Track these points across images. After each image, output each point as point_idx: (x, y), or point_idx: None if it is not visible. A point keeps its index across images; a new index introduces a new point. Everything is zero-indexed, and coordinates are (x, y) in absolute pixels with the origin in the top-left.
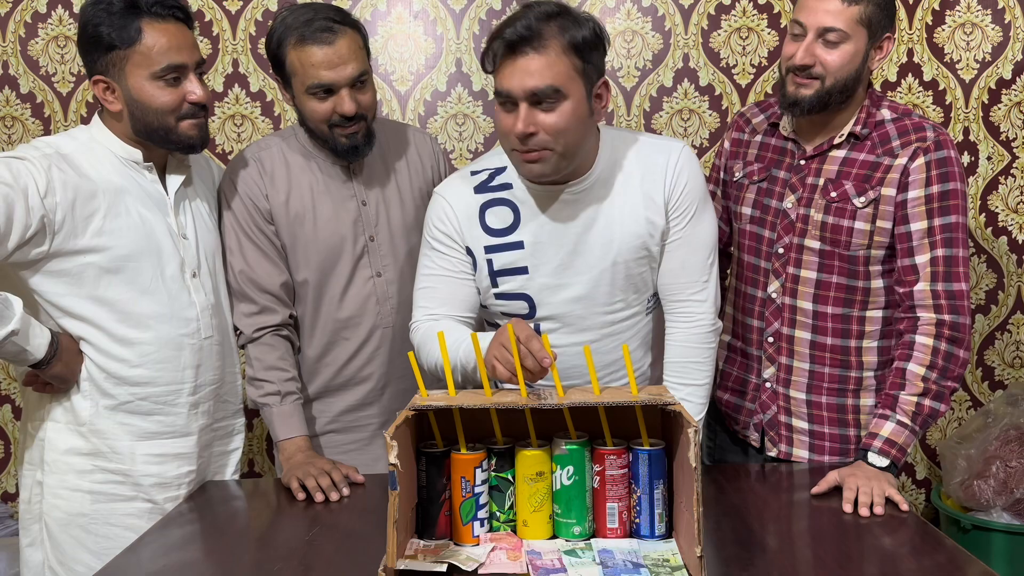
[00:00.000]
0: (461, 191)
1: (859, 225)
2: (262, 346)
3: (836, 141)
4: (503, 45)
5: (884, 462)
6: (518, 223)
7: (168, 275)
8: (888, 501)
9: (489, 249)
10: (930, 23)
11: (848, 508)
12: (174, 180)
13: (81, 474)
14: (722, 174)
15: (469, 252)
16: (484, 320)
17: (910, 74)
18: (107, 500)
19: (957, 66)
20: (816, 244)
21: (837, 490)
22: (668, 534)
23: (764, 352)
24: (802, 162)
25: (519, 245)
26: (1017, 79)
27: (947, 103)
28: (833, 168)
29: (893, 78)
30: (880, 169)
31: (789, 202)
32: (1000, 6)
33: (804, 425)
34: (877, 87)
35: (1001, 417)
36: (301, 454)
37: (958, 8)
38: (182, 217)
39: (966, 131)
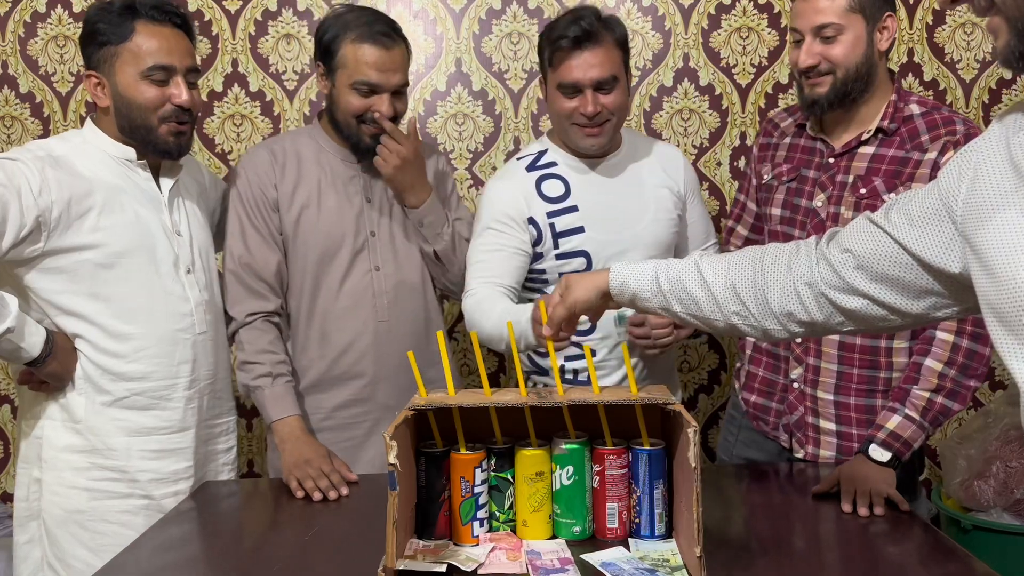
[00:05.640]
0: (516, 174)
1: None
2: (253, 330)
3: (864, 137)
4: (570, 42)
5: (886, 455)
6: (569, 191)
7: (163, 271)
8: (887, 501)
9: (551, 214)
10: (930, 23)
11: (847, 508)
12: (167, 179)
13: (78, 471)
14: (752, 180)
15: (532, 222)
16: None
17: (910, 74)
18: (104, 497)
19: (957, 66)
20: None
21: (838, 489)
22: (668, 534)
23: (792, 353)
24: (831, 160)
25: (574, 208)
26: (1017, 79)
27: (947, 103)
28: (862, 165)
29: None
30: (910, 164)
31: (819, 200)
32: None
33: (831, 426)
34: None
35: (1001, 417)
36: (295, 440)
37: (958, 8)
38: (176, 214)
39: None
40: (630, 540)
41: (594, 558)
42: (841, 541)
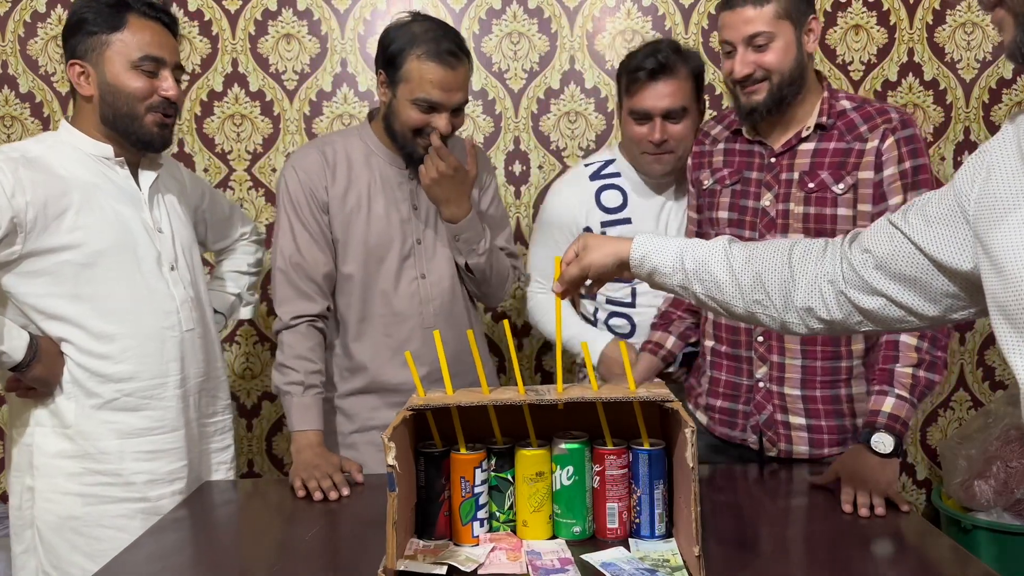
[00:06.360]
0: (580, 181)
1: (841, 212)
2: (296, 334)
3: (804, 134)
4: (646, 74)
5: (889, 442)
6: (626, 203)
7: (145, 269)
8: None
9: (605, 224)
10: (930, 23)
11: (847, 508)
12: (147, 176)
13: (71, 477)
14: (690, 188)
15: (588, 231)
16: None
17: (911, 74)
18: (98, 502)
19: (958, 66)
20: (800, 236)
21: (837, 488)
22: (668, 534)
23: (755, 352)
24: (772, 160)
25: (628, 220)
26: (1018, 79)
27: (948, 103)
28: (805, 160)
29: (893, 78)
30: (853, 155)
31: (767, 200)
32: None
33: (801, 421)
34: (878, 87)
35: (1001, 417)
36: (310, 450)
37: (959, 8)
38: (156, 211)
39: (967, 131)
40: (630, 540)
41: (594, 558)
42: (841, 540)
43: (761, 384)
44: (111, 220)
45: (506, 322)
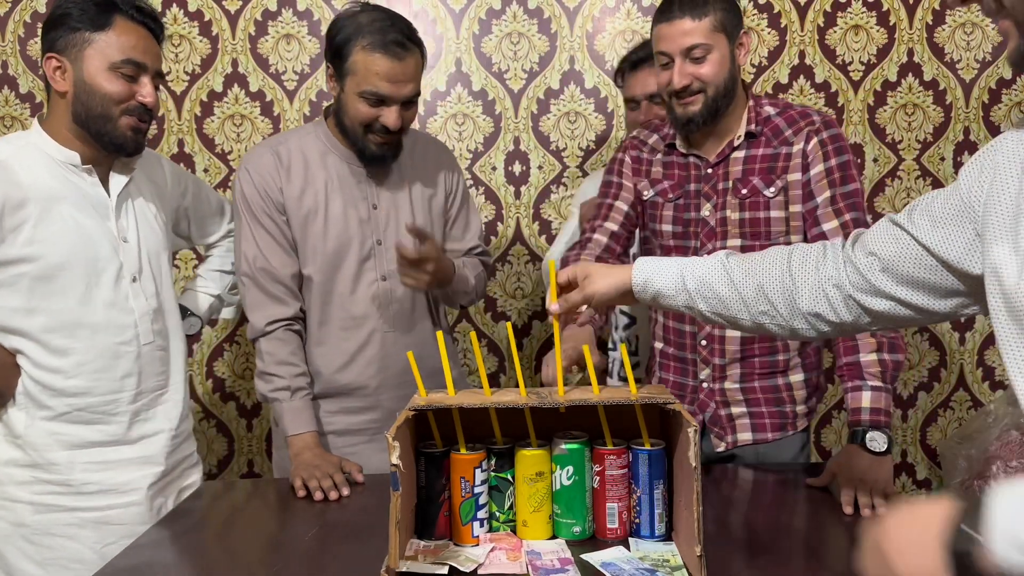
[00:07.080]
0: (596, 173)
1: (774, 214)
2: (274, 341)
3: (736, 143)
4: (629, 65)
5: (882, 440)
6: None
7: (104, 282)
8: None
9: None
10: (930, 23)
11: (848, 510)
12: (118, 181)
13: (21, 485)
14: (623, 184)
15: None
16: None
17: (910, 74)
18: (48, 511)
19: (957, 66)
20: (737, 242)
21: (835, 487)
22: (668, 534)
23: (698, 355)
24: (708, 171)
25: None
26: (1017, 79)
27: (947, 103)
28: (738, 168)
29: (893, 78)
30: (781, 159)
31: (706, 210)
32: None
33: (743, 410)
34: (878, 87)
35: (1001, 417)
36: (309, 451)
37: (958, 8)
38: (124, 220)
39: (967, 131)
40: (630, 540)
41: (594, 558)
42: (841, 539)
43: (704, 384)
44: (71, 231)
45: (508, 325)
